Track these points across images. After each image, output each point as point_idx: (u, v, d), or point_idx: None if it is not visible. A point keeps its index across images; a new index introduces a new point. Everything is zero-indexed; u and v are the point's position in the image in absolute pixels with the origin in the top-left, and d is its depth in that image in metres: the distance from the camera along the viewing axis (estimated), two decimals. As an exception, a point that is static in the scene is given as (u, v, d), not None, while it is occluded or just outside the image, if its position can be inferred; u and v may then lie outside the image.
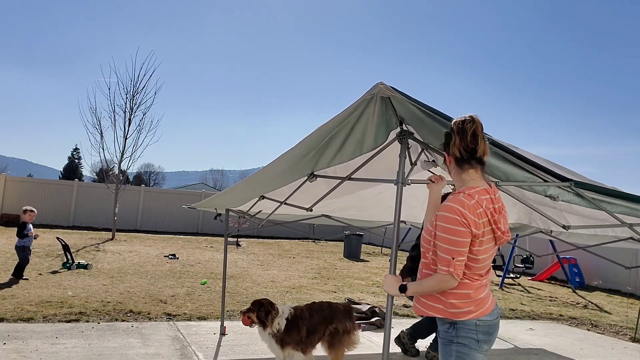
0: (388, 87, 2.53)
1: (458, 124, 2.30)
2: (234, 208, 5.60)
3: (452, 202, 2.24)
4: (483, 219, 2.24)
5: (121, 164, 16.91)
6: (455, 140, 2.29)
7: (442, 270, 2.22)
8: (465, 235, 2.19)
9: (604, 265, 12.89)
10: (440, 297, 2.30)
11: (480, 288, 2.30)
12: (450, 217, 2.20)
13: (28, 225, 8.48)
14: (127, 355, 4.75)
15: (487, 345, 2.31)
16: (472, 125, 2.27)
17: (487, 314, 2.29)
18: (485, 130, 2.37)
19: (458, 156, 2.31)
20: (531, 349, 6.22)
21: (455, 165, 2.35)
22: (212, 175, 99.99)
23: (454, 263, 2.20)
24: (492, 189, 2.35)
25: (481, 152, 2.30)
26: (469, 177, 2.33)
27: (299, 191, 4.28)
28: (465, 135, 2.27)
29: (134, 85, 16.96)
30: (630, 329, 7.94)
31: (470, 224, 2.19)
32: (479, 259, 2.27)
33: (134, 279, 8.89)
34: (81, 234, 16.43)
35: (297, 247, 17.66)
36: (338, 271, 12.31)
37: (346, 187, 4.17)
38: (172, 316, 6.46)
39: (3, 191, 18.62)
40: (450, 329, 2.30)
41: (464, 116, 2.33)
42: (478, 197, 2.25)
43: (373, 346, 5.78)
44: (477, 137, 2.28)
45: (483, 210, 2.24)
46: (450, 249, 2.20)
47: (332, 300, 8.25)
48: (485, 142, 2.32)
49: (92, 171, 39.05)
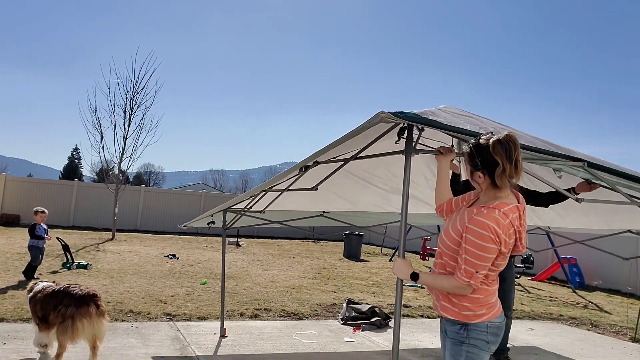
0: (389, 115, 2.44)
1: (505, 149, 2.20)
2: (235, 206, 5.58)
3: (487, 220, 2.20)
4: (512, 238, 2.26)
5: (121, 164, 16.93)
6: (505, 168, 2.20)
7: (462, 280, 2.24)
8: (494, 252, 2.21)
9: (604, 265, 12.89)
10: (454, 300, 2.33)
11: (494, 293, 2.36)
12: (484, 235, 2.19)
13: (38, 226, 8.46)
14: (127, 355, 4.74)
15: (495, 345, 2.36)
16: (515, 151, 2.21)
17: (497, 316, 2.34)
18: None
19: (502, 185, 2.25)
20: (531, 349, 6.22)
21: (491, 186, 2.29)
22: (212, 175, 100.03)
23: (477, 276, 2.22)
24: (522, 205, 2.34)
25: (518, 179, 2.28)
26: (502, 195, 2.29)
27: (302, 179, 4.26)
28: (511, 163, 2.21)
29: (134, 85, 16.99)
30: (631, 329, 7.93)
31: (501, 242, 2.20)
32: (499, 270, 2.32)
33: (134, 279, 8.89)
34: (81, 234, 16.43)
35: (297, 247, 17.65)
36: (338, 271, 12.30)
37: (344, 170, 4.16)
38: (172, 316, 6.46)
39: (3, 191, 18.62)
40: (461, 329, 2.33)
41: (502, 136, 2.22)
42: (511, 216, 2.24)
43: (373, 346, 5.78)
44: (518, 165, 2.23)
45: (514, 230, 2.26)
46: (476, 264, 2.21)
47: (333, 301, 8.26)
48: (522, 168, 2.27)
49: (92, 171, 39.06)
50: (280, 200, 5.02)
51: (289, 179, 4.14)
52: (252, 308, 7.22)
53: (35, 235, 8.36)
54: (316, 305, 7.82)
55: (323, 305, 7.83)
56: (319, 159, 3.57)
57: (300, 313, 7.21)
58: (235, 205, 5.19)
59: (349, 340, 5.96)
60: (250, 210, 5.37)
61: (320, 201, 5.60)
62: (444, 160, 2.72)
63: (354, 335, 6.18)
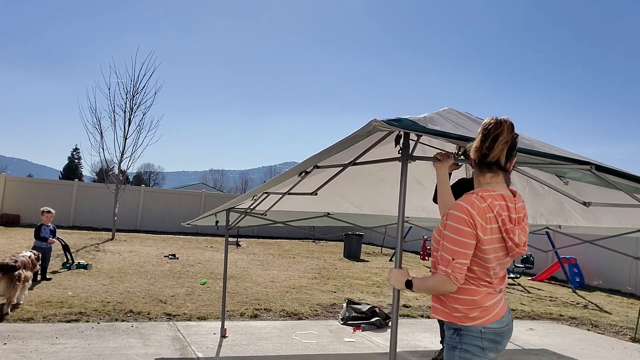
0: (382, 123, 2.33)
1: (485, 125, 2.21)
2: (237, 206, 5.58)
3: (462, 201, 2.17)
4: (492, 225, 2.16)
5: (121, 164, 16.90)
6: (477, 142, 2.21)
7: (441, 270, 2.15)
8: (469, 236, 2.12)
9: (604, 265, 12.89)
10: (445, 300, 2.25)
11: (489, 295, 2.22)
12: (458, 216, 2.13)
13: (44, 227, 8.43)
14: (127, 355, 4.74)
15: (494, 352, 2.24)
16: (496, 129, 2.18)
17: (494, 321, 2.21)
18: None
19: (475, 159, 2.24)
20: (531, 349, 6.22)
21: (476, 168, 2.28)
22: (212, 175, 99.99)
23: (454, 264, 2.12)
24: (516, 198, 2.26)
25: (493, 158, 2.19)
26: (485, 181, 2.25)
27: (303, 182, 4.23)
28: (486, 139, 2.19)
29: (134, 85, 16.96)
30: (631, 329, 7.93)
31: (477, 226, 2.12)
32: (488, 266, 2.19)
33: (134, 279, 8.89)
34: (81, 234, 16.43)
35: (297, 247, 17.65)
36: (338, 271, 12.30)
37: (350, 173, 4.12)
38: (172, 316, 6.46)
39: (3, 191, 18.61)
40: (454, 334, 2.25)
41: (493, 118, 2.23)
42: (491, 200, 2.17)
43: (373, 346, 5.78)
44: (495, 142, 2.18)
45: (493, 216, 2.16)
46: (452, 249, 2.13)
47: (333, 301, 8.26)
48: (502, 149, 2.19)
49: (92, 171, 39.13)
50: (284, 201, 5.01)
51: (288, 182, 4.11)
52: (252, 308, 7.22)
53: (40, 236, 8.34)
54: (316, 305, 7.82)
55: (323, 305, 7.83)
56: (319, 164, 3.53)
57: (300, 313, 7.21)
58: (238, 206, 5.19)
59: (349, 340, 5.96)
60: (254, 212, 5.36)
61: (325, 203, 5.57)
62: (442, 168, 2.65)
63: (354, 335, 6.18)
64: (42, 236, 8.34)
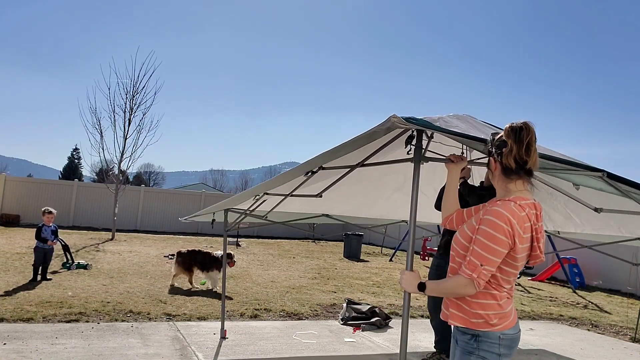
0: (401, 120, 2.28)
1: (516, 131, 2.16)
2: (235, 207, 5.58)
3: (502, 209, 2.11)
4: (527, 234, 2.15)
5: (121, 164, 16.91)
6: (512, 148, 2.15)
7: (464, 273, 2.11)
8: (504, 245, 2.09)
9: (604, 266, 12.89)
10: (464, 306, 2.22)
11: (508, 301, 2.23)
12: (497, 224, 2.08)
13: (45, 228, 8.42)
14: (127, 356, 4.74)
15: (507, 358, 2.24)
16: (527, 135, 2.14)
17: (511, 327, 2.21)
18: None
19: (509, 166, 2.18)
20: (531, 349, 6.22)
21: (502, 173, 2.22)
22: (212, 176, 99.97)
23: (481, 270, 2.09)
24: (539, 207, 2.25)
25: (532, 164, 2.17)
26: (515, 188, 2.21)
27: (305, 183, 4.18)
28: (521, 145, 2.14)
29: (133, 85, 16.96)
30: (631, 329, 7.93)
31: (515, 235, 2.09)
32: (514, 272, 2.19)
33: (133, 279, 8.89)
34: (81, 234, 16.42)
35: (297, 247, 17.65)
36: (338, 271, 12.30)
37: (353, 176, 4.08)
38: (172, 316, 6.45)
39: (3, 191, 18.60)
40: (471, 340, 2.21)
41: (518, 123, 2.19)
42: (528, 210, 2.15)
43: (373, 346, 5.78)
44: (530, 148, 2.15)
45: (530, 225, 2.15)
46: (483, 255, 2.09)
47: (333, 301, 8.27)
48: (536, 154, 2.18)
49: (92, 171, 39.12)
50: (284, 203, 4.99)
51: (292, 183, 4.07)
52: (252, 308, 7.22)
53: (40, 237, 8.33)
54: (316, 305, 7.82)
55: (323, 306, 7.83)
56: (324, 165, 3.46)
57: (300, 313, 7.20)
58: (238, 206, 5.17)
59: (349, 340, 5.96)
60: (253, 213, 5.35)
61: (325, 205, 5.54)
62: (455, 169, 2.63)
63: (354, 336, 6.18)
64: (43, 237, 8.33)
